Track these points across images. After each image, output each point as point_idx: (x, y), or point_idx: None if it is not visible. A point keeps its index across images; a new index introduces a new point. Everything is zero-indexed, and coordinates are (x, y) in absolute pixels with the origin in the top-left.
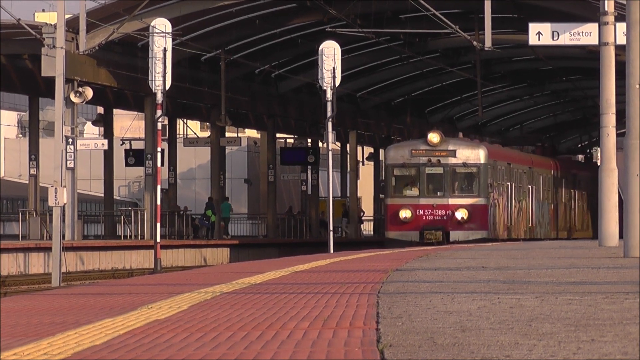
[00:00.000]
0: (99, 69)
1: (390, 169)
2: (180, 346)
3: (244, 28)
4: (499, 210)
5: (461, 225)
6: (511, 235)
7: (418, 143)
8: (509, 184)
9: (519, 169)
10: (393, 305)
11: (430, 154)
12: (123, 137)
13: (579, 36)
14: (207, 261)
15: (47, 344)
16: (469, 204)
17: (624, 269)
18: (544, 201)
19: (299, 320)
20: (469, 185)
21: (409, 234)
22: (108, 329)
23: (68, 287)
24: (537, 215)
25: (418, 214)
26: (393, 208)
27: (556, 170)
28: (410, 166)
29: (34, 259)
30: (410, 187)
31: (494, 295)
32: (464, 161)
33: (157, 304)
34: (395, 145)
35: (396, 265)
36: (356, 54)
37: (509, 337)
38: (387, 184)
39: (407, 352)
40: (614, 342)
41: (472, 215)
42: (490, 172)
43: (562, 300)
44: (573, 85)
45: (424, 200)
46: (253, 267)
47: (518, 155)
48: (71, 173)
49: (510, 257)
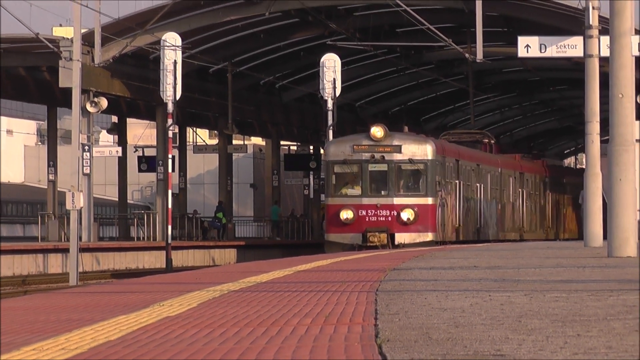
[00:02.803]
0: (113, 81)
1: (330, 165)
2: (190, 341)
3: (250, 42)
4: (447, 210)
5: (407, 227)
6: (460, 237)
7: (360, 138)
8: (458, 181)
9: (467, 166)
10: (390, 303)
11: (374, 149)
12: (136, 144)
13: (565, 49)
14: (216, 261)
15: (64, 339)
16: (416, 203)
17: (608, 268)
18: (492, 200)
19: (302, 317)
20: (416, 184)
21: (351, 236)
22: (122, 325)
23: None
24: (486, 216)
25: (360, 214)
26: (333, 208)
27: (503, 167)
28: (352, 163)
29: (52, 260)
30: (352, 186)
31: (486, 293)
32: (410, 157)
33: (169, 302)
34: (336, 140)
35: (393, 264)
36: (355, 66)
37: (499, 333)
38: (327, 182)
39: (404, 347)
40: (599, 337)
41: (419, 216)
42: (439, 169)
43: (550, 297)
44: (560, 95)
45: (367, 199)
46: (258, 267)
47: (466, 151)
48: (87, 178)
49: (501, 257)
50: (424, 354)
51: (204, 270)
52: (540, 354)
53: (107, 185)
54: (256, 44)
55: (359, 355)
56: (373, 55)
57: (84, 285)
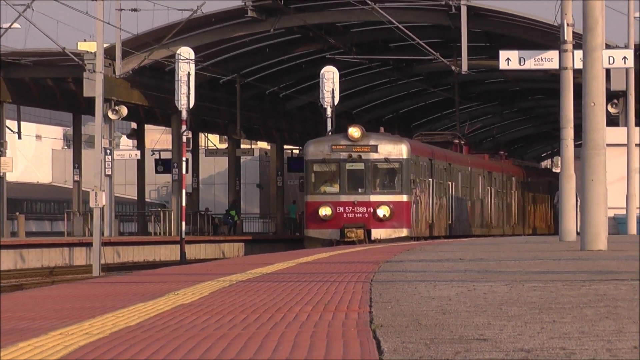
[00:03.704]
0: (132, 90)
1: (309, 164)
2: (202, 327)
3: (256, 55)
4: (421, 207)
5: (383, 223)
6: (433, 233)
7: (338, 138)
8: (431, 180)
9: (439, 165)
10: (384, 292)
11: (351, 149)
12: (153, 148)
13: (542, 61)
14: (225, 254)
15: (88, 325)
16: (391, 201)
17: (581, 260)
18: (463, 198)
19: (303, 304)
20: (391, 182)
21: (329, 232)
22: (140, 312)
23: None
24: (457, 212)
25: (338, 211)
26: (312, 205)
27: (473, 167)
28: (330, 162)
29: (77, 253)
30: (330, 184)
31: (470, 283)
32: (385, 156)
33: (182, 291)
34: (315, 141)
35: (386, 257)
36: (352, 77)
37: (482, 319)
38: (306, 181)
39: (396, 332)
40: (573, 323)
41: (394, 213)
42: (413, 168)
43: (528, 287)
44: (537, 104)
45: (345, 197)
46: (264, 260)
47: (438, 151)
48: (109, 179)
49: (484, 251)
50: (414, 338)
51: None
52: (519, 338)
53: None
54: (262, 58)
55: (355, 339)
56: (368, 68)
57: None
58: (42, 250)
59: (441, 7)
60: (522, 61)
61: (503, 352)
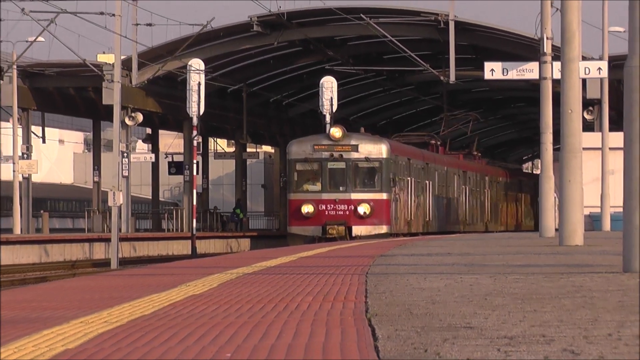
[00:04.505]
0: (147, 99)
1: (292, 163)
2: (211, 315)
3: (261, 66)
4: (400, 205)
5: (364, 220)
6: (411, 230)
7: (320, 138)
8: (409, 178)
9: (417, 165)
10: (378, 284)
11: (333, 148)
12: (166, 152)
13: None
14: (233, 249)
15: (106, 314)
16: (371, 198)
17: (560, 255)
18: (439, 196)
19: (304, 295)
20: (371, 180)
21: (312, 228)
22: (154, 302)
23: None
24: (434, 210)
25: (320, 209)
26: (295, 203)
27: (448, 166)
28: (313, 161)
29: (97, 248)
30: (312, 182)
31: (458, 276)
32: (366, 156)
33: (193, 283)
34: (298, 140)
35: (381, 252)
36: (349, 87)
37: (469, 308)
38: (289, 179)
39: (389, 320)
40: (552, 312)
41: (375, 210)
42: (392, 167)
43: (511, 279)
44: (519, 111)
45: (326, 195)
46: (268, 254)
47: (416, 151)
48: (126, 180)
49: (471, 246)
50: (406, 326)
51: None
52: (503, 326)
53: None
54: (267, 68)
55: (352, 327)
56: (364, 78)
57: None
58: (65, 245)
59: (431, 22)
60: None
61: (488, 339)
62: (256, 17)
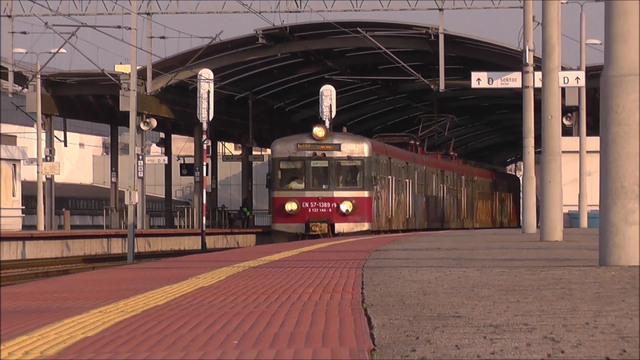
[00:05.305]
0: (161, 106)
1: (276, 162)
2: (220, 306)
3: (266, 76)
4: (381, 202)
5: (346, 217)
6: (392, 227)
7: (304, 137)
8: (390, 177)
9: (398, 164)
10: (373, 276)
11: (316, 147)
12: (178, 154)
13: (507, 81)
14: (239, 244)
15: (123, 304)
16: (354, 196)
17: (541, 249)
18: (419, 194)
19: (305, 287)
20: (354, 179)
21: (295, 225)
22: (167, 293)
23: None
24: (413, 208)
25: (304, 206)
26: (279, 201)
27: (427, 166)
28: (296, 160)
29: (114, 243)
30: (296, 180)
31: (447, 269)
32: (348, 155)
33: (203, 275)
34: (281, 140)
35: (376, 247)
36: (347, 95)
37: (457, 299)
38: (273, 178)
39: (384, 310)
40: (534, 303)
41: (357, 208)
42: (374, 166)
43: (496, 272)
44: (503, 117)
45: (310, 193)
46: (272, 249)
47: (396, 150)
48: (141, 181)
49: (459, 242)
50: (399, 315)
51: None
52: (488, 315)
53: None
54: (270, 78)
55: (349, 316)
56: (360, 87)
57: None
58: (85, 240)
59: (422, 35)
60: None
61: (475, 327)
62: (261, 30)
